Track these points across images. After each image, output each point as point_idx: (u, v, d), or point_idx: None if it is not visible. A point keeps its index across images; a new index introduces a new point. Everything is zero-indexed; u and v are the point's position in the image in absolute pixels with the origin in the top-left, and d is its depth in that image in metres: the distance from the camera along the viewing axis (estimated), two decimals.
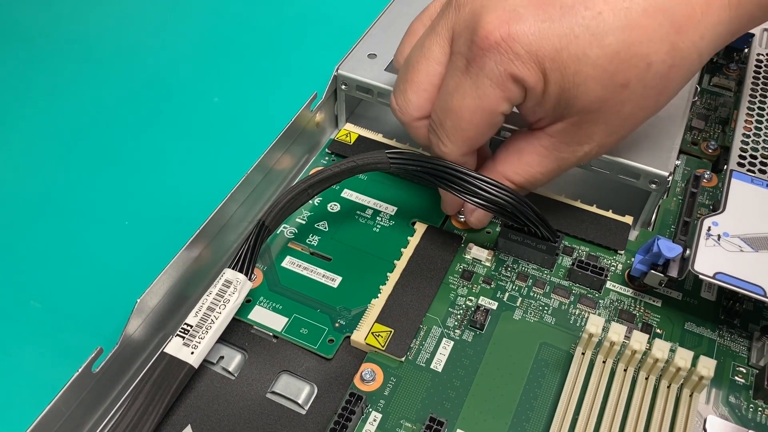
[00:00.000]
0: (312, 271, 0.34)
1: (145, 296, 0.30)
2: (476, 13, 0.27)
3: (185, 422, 0.29)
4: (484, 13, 0.27)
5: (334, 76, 0.40)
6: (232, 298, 0.30)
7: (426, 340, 0.31)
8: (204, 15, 0.57)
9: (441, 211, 0.36)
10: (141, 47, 0.54)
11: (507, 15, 0.27)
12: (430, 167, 0.31)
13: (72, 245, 0.40)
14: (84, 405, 0.29)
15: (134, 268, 0.38)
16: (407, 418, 0.29)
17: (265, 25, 0.55)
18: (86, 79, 0.50)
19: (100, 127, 0.47)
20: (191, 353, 0.28)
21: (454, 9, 0.29)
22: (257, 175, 0.36)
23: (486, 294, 0.33)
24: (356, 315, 0.32)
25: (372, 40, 0.42)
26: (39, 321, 0.36)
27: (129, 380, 0.31)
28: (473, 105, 0.28)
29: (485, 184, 0.31)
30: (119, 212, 0.41)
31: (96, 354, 0.28)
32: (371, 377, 0.30)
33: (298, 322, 0.32)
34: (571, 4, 0.26)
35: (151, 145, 0.46)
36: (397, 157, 0.31)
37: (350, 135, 0.40)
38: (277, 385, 0.30)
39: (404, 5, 0.45)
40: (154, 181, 0.43)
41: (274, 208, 0.31)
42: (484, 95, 0.28)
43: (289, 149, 0.38)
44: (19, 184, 0.43)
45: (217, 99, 0.49)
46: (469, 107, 0.29)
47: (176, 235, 0.34)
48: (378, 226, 0.36)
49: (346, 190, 0.38)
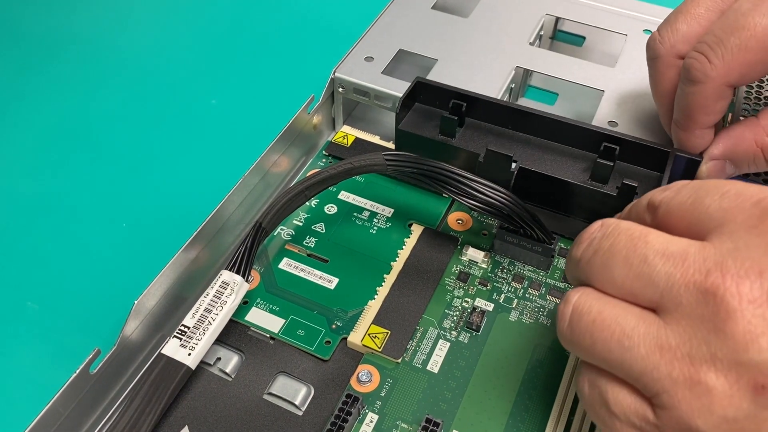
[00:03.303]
0: (309, 272, 0.34)
1: (142, 298, 0.30)
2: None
3: (182, 423, 0.29)
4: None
5: (331, 78, 0.40)
6: (230, 299, 0.30)
7: (422, 342, 0.31)
8: (202, 17, 0.57)
9: (438, 212, 0.36)
10: (138, 49, 0.54)
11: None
12: (427, 169, 0.31)
13: (69, 246, 0.40)
14: (81, 406, 0.29)
15: (132, 269, 0.38)
16: (403, 419, 0.29)
17: (263, 28, 0.55)
18: (84, 81, 0.50)
19: (98, 128, 0.47)
20: (188, 354, 0.28)
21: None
22: (254, 177, 0.36)
23: (482, 295, 0.33)
24: (353, 316, 0.32)
25: (369, 43, 0.42)
26: (36, 322, 0.36)
27: (126, 381, 0.31)
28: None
29: (481, 186, 0.31)
30: (117, 214, 0.41)
31: (93, 355, 0.28)
32: (368, 378, 0.30)
33: (294, 323, 0.32)
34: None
35: (149, 146, 0.46)
36: (394, 159, 0.32)
37: (347, 137, 0.40)
38: (274, 387, 0.30)
39: (401, 8, 0.45)
40: (151, 183, 0.43)
41: (271, 210, 0.31)
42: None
43: (286, 151, 0.39)
44: (16, 185, 0.43)
45: (214, 101, 0.49)
46: (767, 27, 0.27)
47: (174, 236, 0.34)
48: (375, 227, 0.36)
49: (343, 192, 0.38)
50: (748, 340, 0.19)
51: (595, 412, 0.23)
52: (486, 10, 0.45)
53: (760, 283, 0.19)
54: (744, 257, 0.20)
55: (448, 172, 0.31)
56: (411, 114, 0.37)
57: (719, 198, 0.21)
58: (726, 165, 0.32)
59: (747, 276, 0.19)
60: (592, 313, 0.22)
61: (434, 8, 0.45)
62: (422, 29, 0.43)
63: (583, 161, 0.35)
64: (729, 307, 0.19)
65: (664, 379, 0.20)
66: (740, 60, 0.28)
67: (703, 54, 0.28)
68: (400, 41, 0.42)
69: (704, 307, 0.20)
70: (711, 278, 0.20)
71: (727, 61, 0.28)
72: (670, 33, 0.31)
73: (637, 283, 0.22)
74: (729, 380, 0.19)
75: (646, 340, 0.21)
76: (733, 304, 0.19)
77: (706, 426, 0.19)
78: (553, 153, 0.35)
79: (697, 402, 0.19)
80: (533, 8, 0.45)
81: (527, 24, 0.44)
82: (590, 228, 0.24)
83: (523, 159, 0.35)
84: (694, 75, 0.29)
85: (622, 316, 0.22)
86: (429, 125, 0.36)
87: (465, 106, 0.36)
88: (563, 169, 0.34)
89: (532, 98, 0.46)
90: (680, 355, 0.20)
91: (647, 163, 0.34)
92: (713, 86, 0.29)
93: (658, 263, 0.21)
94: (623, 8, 0.45)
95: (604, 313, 0.22)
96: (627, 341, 0.21)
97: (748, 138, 0.30)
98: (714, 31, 0.28)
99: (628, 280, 0.22)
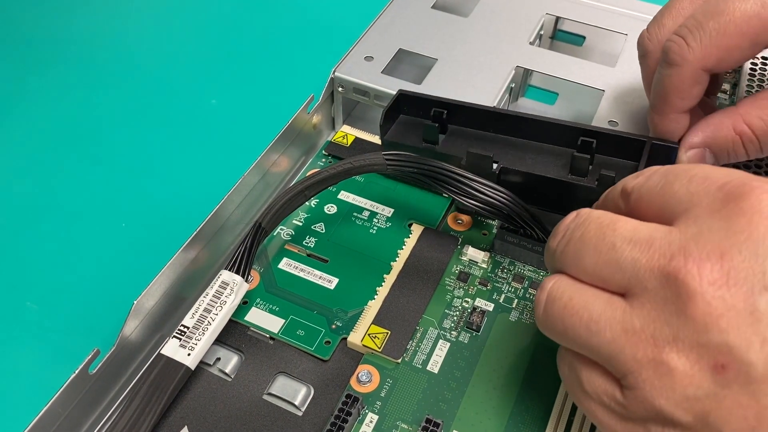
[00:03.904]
0: (309, 272, 0.34)
1: (142, 298, 0.30)
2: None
3: (182, 424, 0.29)
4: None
5: (331, 78, 0.40)
6: (229, 299, 0.30)
7: (422, 342, 0.31)
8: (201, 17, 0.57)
9: (438, 212, 0.36)
10: (138, 49, 0.54)
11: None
12: (427, 169, 0.31)
13: (69, 247, 0.40)
14: (81, 406, 0.29)
15: (131, 269, 0.38)
16: (403, 419, 0.29)
17: (263, 28, 0.55)
18: (84, 81, 0.50)
19: (97, 128, 0.47)
20: (188, 355, 0.28)
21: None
22: (254, 176, 0.36)
23: (482, 295, 0.33)
24: (353, 317, 0.32)
25: (369, 43, 0.42)
26: (36, 322, 0.36)
27: (126, 382, 0.31)
28: (752, 10, 0.27)
29: (481, 185, 0.31)
30: (116, 214, 0.41)
31: (93, 355, 0.28)
32: (368, 379, 0.30)
33: (294, 323, 0.32)
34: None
35: (149, 146, 0.46)
36: (393, 158, 0.31)
37: (347, 137, 0.40)
38: (273, 387, 0.30)
39: (401, 8, 0.45)
40: (151, 183, 0.43)
41: (271, 210, 0.31)
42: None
43: (286, 151, 0.39)
44: (15, 186, 0.43)
45: (214, 101, 0.49)
46: (746, 11, 0.27)
47: (173, 236, 0.34)
48: (375, 227, 0.36)
49: (342, 192, 0.38)
50: (708, 322, 0.19)
51: (572, 392, 0.24)
52: (486, 10, 0.45)
53: (721, 265, 0.19)
54: (706, 240, 0.20)
55: (448, 171, 0.31)
56: (396, 126, 0.38)
57: (687, 182, 0.22)
58: (706, 154, 0.32)
59: (708, 259, 0.20)
60: (563, 299, 0.23)
61: (434, 8, 0.45)
62: (422, 29, 0.43)
63: (563, 157, 0.35)
64: (690, 290, 0.20)
65: (630, 361, 0.21)
66: (717, 44, 0.28)
67: (682, 37, 0.29)
68: (400, 41, 0.42)
69: (667, 290, 0.20)
70: (674, 262, 0.20)
71: (704, 45, 0.28)
72: (657, 29, 0.31)
73: (606, 270, 0.22)
74: (690, 360, 0.20)
75: (613, 324, 0.21)
76: (694, 286, 0.20)
77: (668, 405, 0.20)
78: (534, 151, 0.35)
79: (660, 382, 0.20)
80: (533, 8, 0.45)
81: (527, 23, 0.44)
82: (565, 219, 0.25)
83: (504, 159, 0.35)
84: (672, 57, 0.29)
85: (591, 301, 0.22)
86: (414, 134, 0.37)
87: (446, 113, 0.36)
88: (544, 166, 0.35)
89: (532, 98, 0.46)
90: (644, 337, 0.21)
91: (625, 153, 0.34)
92: (690, 69, 0.29)
93: (625, 249, 0.22)
94: (623, 8, 0.45)
95: (574, 299, 0.23)
96: (594, 326, 0.22)
97: (726, 125, 0.30)
98: (694, 15, 0.28)
99: (597, 267, 0.23)
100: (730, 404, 0.19)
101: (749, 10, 0.27)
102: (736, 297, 0.19)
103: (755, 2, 0.27)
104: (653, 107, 0.32)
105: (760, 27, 0.27)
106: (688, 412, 0.20)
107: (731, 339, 0.19)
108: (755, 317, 0.19)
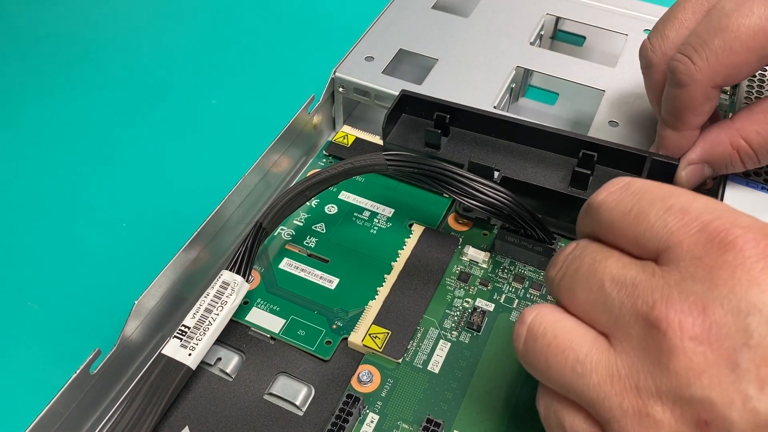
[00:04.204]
0: (309, 272, 0.34)
1: (142, 298, 0.30)
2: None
3: (183, 424, 0.29)
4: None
5: (332, 78, 0.40)
6: (230, 299, 0.30)
7: (423, 342, 0.31)
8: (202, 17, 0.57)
9: (438, 212, 0.36)
10: (139, 49, 0.54)
11: None
12: (428, 169, 0.31)
13: (70, 247, 0.40)
14: (82, 406, 0.29)
15: (132, 269, 0.38)
16: (404, 419, 0.29)
17: (263, 28, 0.55)
18: (84, 81, 0.50)
19: (98, 128, 0.47)
20: (189, 355, 0.28)
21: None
22: (255, 177, 0.36)
23: (483, 296, 0.33)
24: (353, 317, 0.32)
25: (369, 43, 0.42)
26: (37, 322, 0.36)
27: (127, 382, 0.31)
28: (757, 25, 0.26)
29: (482, 186, 0.31)
30: (117, 214, 0.41)
31: (94, 355, 0.28)
32: (368, 379, 0.30)
33: (295, 323, 0.32)
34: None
35: (149, 146, 0.46)
36: (394, 159, 0.31)
37: (347, 137, 0.40)
38: (274, 387, 0.30)
39: (402, 8, 0.45)
40: (152, 183, 0.43)
41: (272, 210, 0.31)
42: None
43: (286, 151, 0.39)
44: (16, 185, 0.43)
45: (215, 101, 0.49)
46: (751, 26, 0.27)
47: (174, 236, 0.34)
48: (375, 228, 0.36)
49: (343, 192, 0.38)
50: (690, 377, 0.19)
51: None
52: (486, 10, 0.45)
53: (702, 320, 0.19)
54: (689, 291, 0.20)
55: (448, 172, 0.31)
56: (398, 126, 0.38)
57: (664, 213, 0.21)
58: (704, 168, 0.32)
59: (690, 312, 0.19)
60: (547, 337, 0.22)
61: (434, 8, 0.45)
62: (422, 29, 0.43)
63: (564, 167, 0.35)
64: (671, 344, 0.19)
65: (615, 409, 0.20)
66: (724, 62, 0.28)
67: (688, 56, 0.28)
68: (401, 41, 0.42)
69: (649, 340, 0.20)
70: (656, 311, 0.20)
71: (711, 64, 0.28)
72: (660, 41, 0.31)
73: (595, 309, 0.22)
74: (674, 415, 0.19)
75: (599, 368, 0.21)
76: (675, 340, 0.19)
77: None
78: (535, 160, 0.36)
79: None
80: (533, 8, 0.45)
81: (528, 24, 0.44)
82: (565, 249, 0.25)
83: (505, 167, 0.35)
84: (680, 78, 0.29)
85: (577, 342, 0.22)
86: (415, 136, 0.37)
87: (449, 117, 0.36)
88: (545, 176, 0.35)
89: (532, 98, 0.46)
90: (629, 386, 0.20)
91: (626, 166, 0.34)
92: (699, 88, 0.28)
93: (612, 291, 0.21)
94: (624, 8, 0.45)
95: (559, 338, 0.22)
96: (580, 368, 0.21)
97: (723, 141, 0.31)
98: (698, 32, 0.28)
99: (588, 305, 0.22)
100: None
101: (754, 25, 0.27)
102: (717, 353, 0.19)
103: (759, 16, 0.27)
104: (667, 123, 0.31)
105: (766, 40, 0.27)
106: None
107: (714, 396, 0.19)
108: (737, 374, 0.18)
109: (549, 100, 0.45)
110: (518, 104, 0.45)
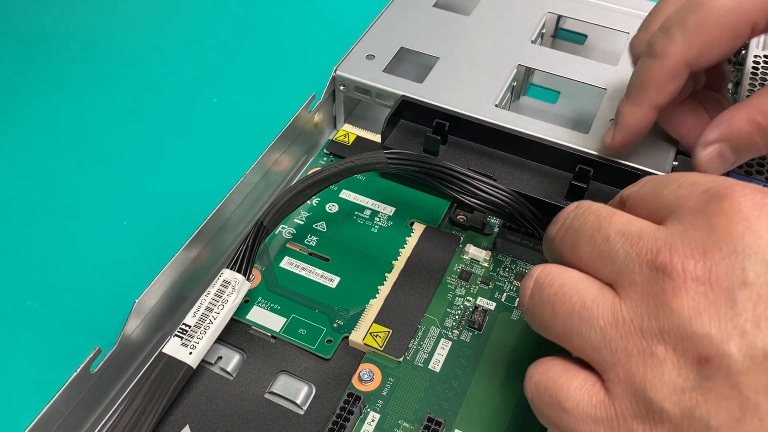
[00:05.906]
0: (310, 271, 0.34)
1: (143, 296, 0.30)
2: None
3: (183, 422, 0.29)
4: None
5: (333, 76, 0.40)
6: (231, 298, 0.30)
7: (424, 341, 0.31)
8: (203, 16, 0.57)
9: (439, 211, 0.36)
10: (139, 48, 0.54)
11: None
12: (429, 167, 0.31)
13: (70, 245, 0.40)
14: (82, 405, 0.29)
15: (133, 268, 0.38)
16: (405, 418, 0.29)
17: (264, 26, 0.55)
18: (85, 80, 0.50)
19: (98, 127, 0.47)
20: (189, 353, 0.28)
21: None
22: (255, 175, 0.36)
23: (484, 294, 0.33)
24: (354, 315, 0.32)
25: (370, 41, 0.42)
26: (37, 321, 0.36)
27: (127, 380, 0.31)
28: (731, 3, 0.27)
29: (483, 184, 0.31)
30: (117, 212, 0.41)
31: (94, 354, 0.28)
32: (369, 377, 0.30)
33: (296, 322, 0.32)
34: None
35: (150, 145, 0.46)
36: (395, 157, 0.31)
37: (348, 136, 0.40)
38: (275, 386, 0.30)
39: (403, 6, 0.45)
40: (152, 182, 0.43)
41: (273, 209, 0.31)
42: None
43: (287, 150, 0.39)
44: (16, 184, 0.43)
45: (215, 100, 0.49)
46: (725, 4, 0.28)
47: (175, 235, 0.34)
48: (376, 226, 0.36)
49: (344, 191, 0.38)
50: (692, 315, 0.20)
51: (547, 417, 0.23)
52: (487, 8, 0.45)
53: (704, 263, 0.20)
54: (690, 237, 0.21)
55: (449, 170, 0.31)
56: (396, 131, 0.38)
57: (676, 187, 0.23)
58: (724, 151, 0.32)
59: (692, 255, 0.21)
60: (554, 287, 0.24)
61: (436, 6, 0.45)
62: (424, 27, 0.43)
63: (561, 181, 0.35)
64: (675, 285, 0.20)
65: (620, 352, 0.21)
66: (698, 38, 0.28)
67: (666, 31, 0.29)
68: (402, 39, 0.42)
69: (654, 284, 0.21)
70: (660, 257, 0.21)
71: (686, 38, 0.29)
72: (645, 34, 0.31)
73: (599, 260, 0.23)
74: (677, 353, 0.20)
75: (604, 312, 0.22)
76: (679, 282, 0.20)
77: (658, 396, 0.20)
78: (532, 172, 0.36)
79: (650, 374, 0.21)
80: (535, 6, 0.45)
81: (529, 22, 0.44)
82: (566, 209, 0.26)
83: (502, 177, 0.35)
84: (655, 49, 0.30)
85: (583, 289, 0.23)
86: (413, 142, 0.37)
87: (448, 125, 0.36)
88: (541, 189, 0.35)
89: (534, 96, 0.46)
90: (633, 329, 0.21)
91: (622, 184, 0.34)
92: (672, 62, 0.29)
93: (617, 242, 0.23)
94: (625, 6, 0.45)
95: (566, 286, 0.23)
96: (587, 313, 0.22)
97: (740, 118, 0.31)
98: (677, 11, 0.29)
99: (591, 257, 0.23)
100: (714, 396, 0.20)
101: (727, 3, 0.28)
102: (717, 293, 0.20)
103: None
104: (627, 96, 0.32)
105: (740, 18, 0.28)
106: (676, 406, 0.20)
107: (713, 332, 0.20)
108: (734, 312, 0.20)
109: (550, 99, 0.45)
110: (519, 103, 0.45)
